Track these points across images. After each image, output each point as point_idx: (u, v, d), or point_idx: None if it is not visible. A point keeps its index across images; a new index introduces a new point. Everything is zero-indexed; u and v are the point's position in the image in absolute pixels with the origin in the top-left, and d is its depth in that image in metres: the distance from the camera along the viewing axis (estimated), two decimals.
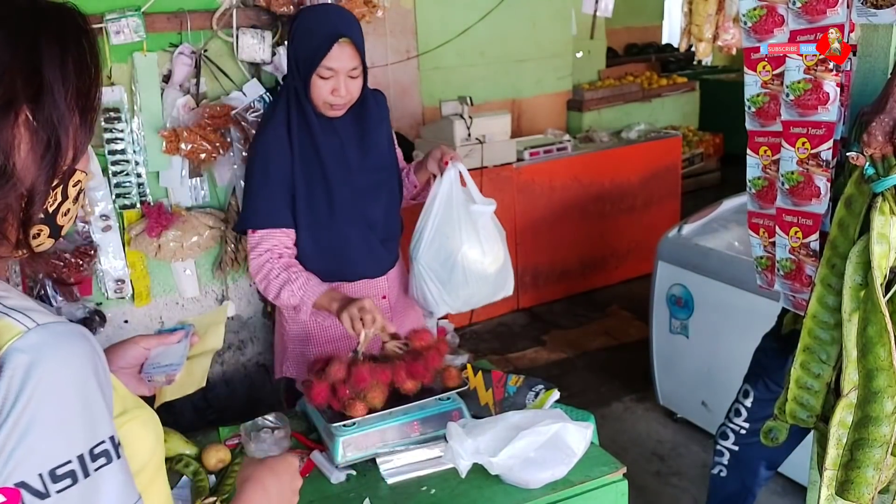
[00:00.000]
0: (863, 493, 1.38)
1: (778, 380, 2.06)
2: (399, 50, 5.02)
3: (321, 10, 2.13)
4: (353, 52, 1.96)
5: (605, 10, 4.92)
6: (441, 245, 2.16)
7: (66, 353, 0.78)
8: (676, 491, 3.00)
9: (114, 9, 2.57)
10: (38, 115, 0.80)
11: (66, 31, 0.83)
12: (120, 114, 2.65)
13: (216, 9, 2.72)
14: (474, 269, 2.16)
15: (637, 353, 3.92)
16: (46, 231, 0.87)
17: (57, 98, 0.81)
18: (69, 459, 0.76)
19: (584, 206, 4.88)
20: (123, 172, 2.70)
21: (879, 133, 1.36)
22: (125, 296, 2.82)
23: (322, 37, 1.94)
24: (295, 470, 1.13)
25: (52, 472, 0.75)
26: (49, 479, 0.75)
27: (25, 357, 0.75)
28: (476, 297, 2.21)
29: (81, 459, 0.77)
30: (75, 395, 0.78)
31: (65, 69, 0.82)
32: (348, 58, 1.95)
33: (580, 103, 6.05)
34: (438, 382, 1.79)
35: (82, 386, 0.78)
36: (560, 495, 1.58)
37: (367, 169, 2.12)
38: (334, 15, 2.03)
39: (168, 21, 2.66)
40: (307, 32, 1.98)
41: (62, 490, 0.76)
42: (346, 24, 1.98)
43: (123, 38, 2.57)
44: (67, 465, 0.76)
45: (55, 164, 0.82)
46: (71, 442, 0.77)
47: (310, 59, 1.95)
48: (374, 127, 2.12)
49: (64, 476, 0.76)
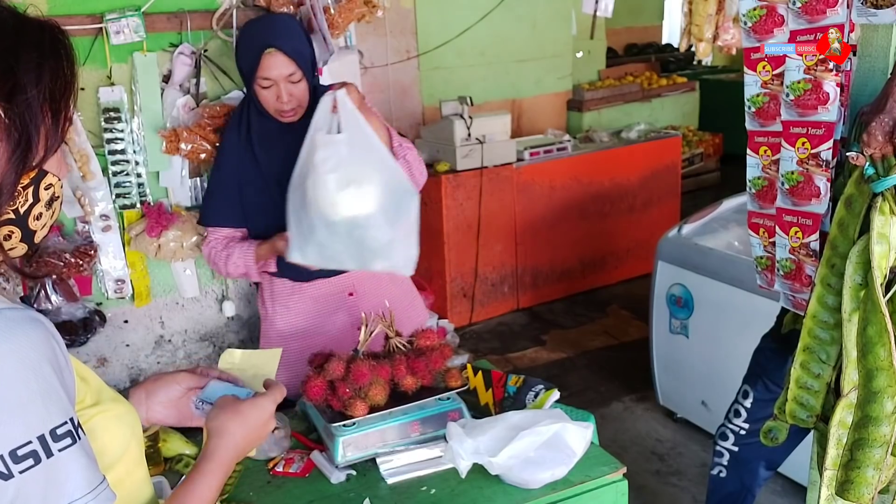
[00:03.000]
0: (863, 493, 1.38)
1: (777, 380, 2.06)
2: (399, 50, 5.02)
3: (255, 23, 2.21)
4: (284, 59, 2.02)
5: (605, 11, 4.93)
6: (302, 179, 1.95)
7: (17, 338, 0.79)
8: (676, 490, 3.00)
9: (114, 9, 2.57)
10: (10, 112, 0.83)
11: (43, 41, 0.88)
12: (120, 114, 2.65)
13: (216, 9, 2.72)
14: (328, 215, 1.87)
15: (637, 352, 3.92)
16: (18, 234, 0.88)
17: (30, 98, 0.84)
18: (29, 440, 0.78)
19: (584, 206, 4.88)
20: (123, 172, 2.70)
21: (879, 133, 1.36)
22: (125, 296, 2.82)
23: (252, 49, 2.05)
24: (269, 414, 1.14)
25: (13, 453, 0.77)
26: (10, 460, 0.77)
27: None
28: (335, 255, 1.94)
29: (43, 440, 0.79)
30: (31, 377, 0.79)
31: (39, 73, 0.86)
32: (281, 65, 2.03)
33: (580, 103, 6.05)
34: (439, 383, 1.79)
35: (36, 369, 0.80)
36: (560, 495, 1.58)
37: None
38: (265, 26, 2.14)
39: (168, 21, 2.66)
40: (242, 46, 2.13)
41: (25, 470, 0.77)
42: (273, 34, 2.05)
43: (123, 38, 2.57)
44: (27, 445, 0.78)
45: (24, 161, 0.85)
46: (29, 423, 0.78)
47: (248, 71, 2.08)
48: None
49: (25, 456, 0.77)
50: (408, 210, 1.92)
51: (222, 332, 3.04)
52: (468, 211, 4.43)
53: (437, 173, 4.33)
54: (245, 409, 1.11)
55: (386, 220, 1.88)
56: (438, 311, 4.14)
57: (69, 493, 0.81)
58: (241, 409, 1.11)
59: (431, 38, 5.10)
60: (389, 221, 1.88)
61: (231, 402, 1.13)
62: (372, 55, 4.96)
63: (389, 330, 1.85)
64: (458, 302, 4.55)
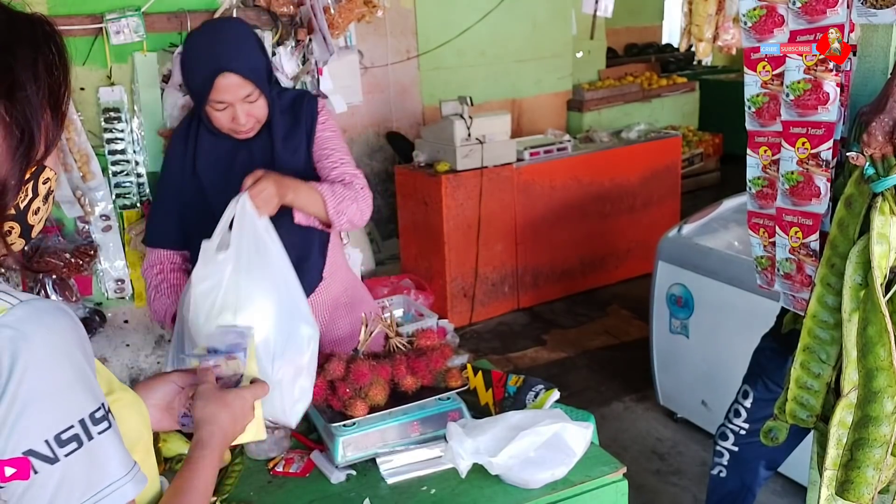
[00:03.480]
0: (863, 493, 1.38)
1: (777, 380, 2.06)
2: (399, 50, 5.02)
3: (202, 40, 1.89)
4: (239, 81, 1.83)
5: (605, 11, 4.93)
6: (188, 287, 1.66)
7: (51, 326, 0.81)
8: (676, 490, 3.00)
9: (114, 9, 2.57)
10: (12, 109, 0.84)
11: (36, 36, 0.88)
12: (120, 114, 2.65)
13: (216, 9, 2.72)
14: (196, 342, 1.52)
15: (637, 352, 3.92)
16: (17, 230, 0.89)
17: (30, 94, 0.85)
18: (72, 424, 0.80)
19: (584, 206, 4.88)
20: (123, 172, 2.70)
21: (879, 133, 1.36)
22: (125, 296, 2.82)
23: (203, 73, 1.83)
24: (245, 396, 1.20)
25: (58, 437, 0.79)
26: (56, 444, 0.79)
27: (12, 332, 0.78)
28: None
29: (83, 423, 0.81)
30: (67, 363, 0.81)
31: (36, 69, 0.87)
32: (236, 88, 1.83)
33: (580, 103, 6.06)
34: (439, 383, 1.79)
35: (71, 355, 0.82)
36: (560, 495, 1.58)
37: None
38: (214, 44, 1.85)
39: (168, 21, 2.66)
40: (189, 68, 1.89)
41: (70, 454, 0.79)
42: (226, 56, 1.82)
43: (123, 38, 2.57)
44: (71, 429, 0.80)
45: (28, 157, 0.86)
46: (70, 408, 0.81)
47: (198, 93, 1.87)
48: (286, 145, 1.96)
49: (69, 440, 0.80)
50: (299, 347, 1.51)
51: None
52: (468, 211, 4.43)
53: (437, 173, 4.33)
54: (229, 398, 1.17)
55: (265, 354, 1.46)
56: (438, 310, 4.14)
57: (111, 474, 0.83)
58: (226, 399, 1.17)
59: (431, 38, 5.10)
60: (270, 357, 1.47)
61: (216, 392, 1.18)
62: (372, 55, 4.96)
63: (390, 330, 1.85)
64: (459, 302, 4.55)
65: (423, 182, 4.47)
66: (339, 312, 2.09)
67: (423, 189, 4.49)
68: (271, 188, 1.67)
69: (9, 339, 0.78)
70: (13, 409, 0.77)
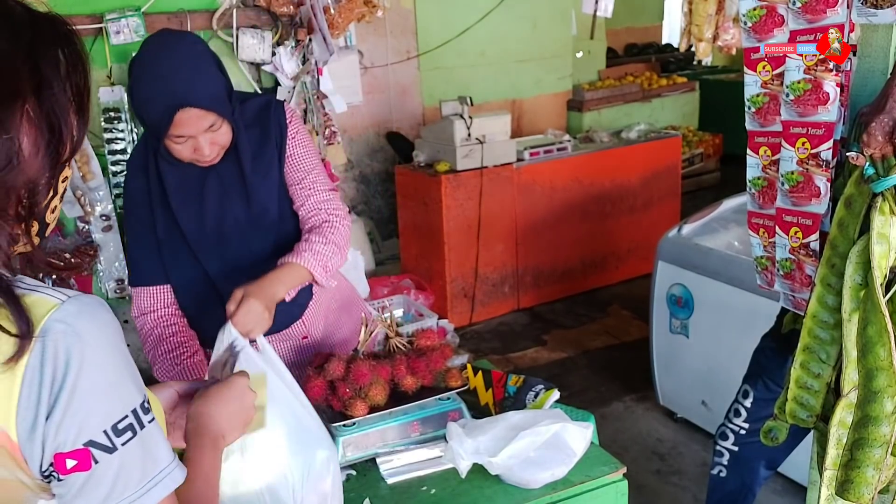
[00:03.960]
0: (863, 493, 1.38)
1: (778, 380, 2.06)
2: (399, 50, 5.02)
3: (154, 71, 1.64)
4: (200, 113, 1.65)
5: (605, 11, 4.94)
6: None
7: (101, 320, 0.84)
8: (676, 490, 3.00)
9: (114, 9, 2.57)
10: (41, 107, 0.84)
11: (58, 35, 0.88)
12: (120, 114, 2.65)
13: (216, 9, 2.72)
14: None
15: (637, 352, 3.92)
16: (36, 227, 0.89)
17: (56, 92, 0.86)
18: (126, 414, 0.84)
19: (584, 207, 4.88)
20: (123, 172, 2.70)
21: (879, 133, 1.36)
22: (125, 296, 2.82)
23: (158, 109, 1.63)
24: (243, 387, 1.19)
25: (115, 427, 0.82)
26: (113, 434, 0.82)
27: (66, 327, 0.80)
28: None
29: (136, 413, 0.85)
30: (118, 355, 0.85)
31: (60, 67, 0.87)
32: (196, 121, 1.65)
33: (580, 103, 6.06)
34: (439, 383, 1.79)
35: (120, 348, 0.85)
36: (560, 495, 1.58)
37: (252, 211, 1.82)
38: (169, 76, 1.63)
39: (168, 21, 2.67)
40: (141, 100, 1.65)
41: (126, 442, 0.83)
42: (183, 89, 1.62)
43: (123, 38, 2.57)
44: (125, 419, 0.83)
45: (57, 156, 0.87)
46: (123, 398, 0.84)
47: (154, 128, 1.67)
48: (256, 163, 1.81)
49: (125, 429, 0.83)
50: (319, 473, 1.39)
51: None
52: (468, 211, 4.43)
53: (437, 173, 4.34)
54: (214, 389, 1.17)
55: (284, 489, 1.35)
56: (438, 310, 4.14)
57: (162, 460, 0.87)
58: (210, 391, 1.17)
59: (431, 38, 5.11)
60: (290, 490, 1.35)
61: (202, 390, 1.19)
62: (372, 55, 4.96)
63: (390, 330, 1.85)
64: (459, 302, 4.55)
65: (423, 182, 4.47)
66: (336, 315, 2.08)
67: (423, 189, 4.49)
68: (257, 306, 1.59)
69: (63, 333, 0.80)
70: (73, 402, 0.79)
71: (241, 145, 1.78)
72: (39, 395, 0.79)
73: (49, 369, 0.79)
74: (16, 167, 0.82)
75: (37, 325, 0.79)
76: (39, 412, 0.79)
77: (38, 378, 0.78)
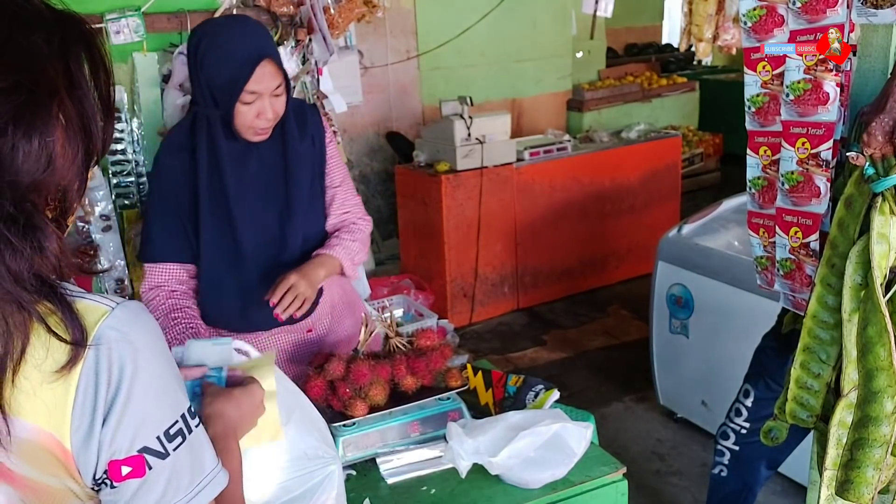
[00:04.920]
0: (863, 493, 1.38)
1: (778, 379, 2.06)
2: (399, 50, 5.02)
3: (235, 30, 1.81)
4: (275, 70, 1.77)
5: (605, 11, 4.93)
6: None
7: (150, 327, 0.85)
8: (676, 490, 3.00)
9: (114, 9, 2.57)
10: (73, 107, 0.84)
11: (82, 35, 0.87)
12: (120, 114, 2.65)
13: (216, 9, 2.72)
14: None
15: (637, 352, 3.92)
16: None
17: (86, 92, 0.86)
18: (176, 420, 0.84)
19: (584, 206, 4.88)
20: (123, 172, 2.70)
21: (879, 133, 1.36)
22: (125, 296, 2.82)
23: (241, 60, 1.73)
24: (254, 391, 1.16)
25: (167, 433, 0.83)
26: (166, 440, 0.83)
27: (120, 334, 0.80)
28: None
29: (184, 418, 0.86)
30: (166, 362, 0.86)
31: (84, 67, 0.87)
32: (271, 77, 1.77)
33: (580, 103, 6.06)
34: (439, 383, 1.79)
35: (167, 354, 0.86)
36: (560, 495, 1.58)
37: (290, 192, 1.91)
38: (249, 32, 1.79)
39: (168, 21, 2.67)
40: (223, 56, 1.75)
41: (177, 448, 0.84)
42: (264, 42, 1.79)
43: (123, 38, 2.57)
44: (176, 424, 0.84)
45: (88, 159, 0.87)
46: (174, 404, 0.85)
47: (230, 85, 1.75)
48: (296, 147, 1.92)
49: (176, 435, 0.84)
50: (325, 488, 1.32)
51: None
52: (468, 211, 4.43)
53: (437, 173, 4.33)
54: (237, 393, 1.14)
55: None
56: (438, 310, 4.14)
57: (208, 464, 0.88)
58: (234, 394, 1.14)
59: (431, 38, 5.10)
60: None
61: (223, 389, 1.16)
62: (372, 55, 4.96)
63: (390, 330, 1.85)
64: (459, 302, 4.55)
65: (423, 182, 4.47)
66: (340, 310, 2.09)
67: (423, 189, 4.49)
68: (304, 286, 1.81)
69: (116, 341, 0.80)
70: (128, 409, 0.80)
71: (289, 125, 1.89)
72: (95, 403, 0.78)
73: (104, 377, 0.79)
74: (53, 170, 0.81)
75: (90, 332, 0.79)
76: (95, 420, 0.79)
77: (93, 386, 0.78)
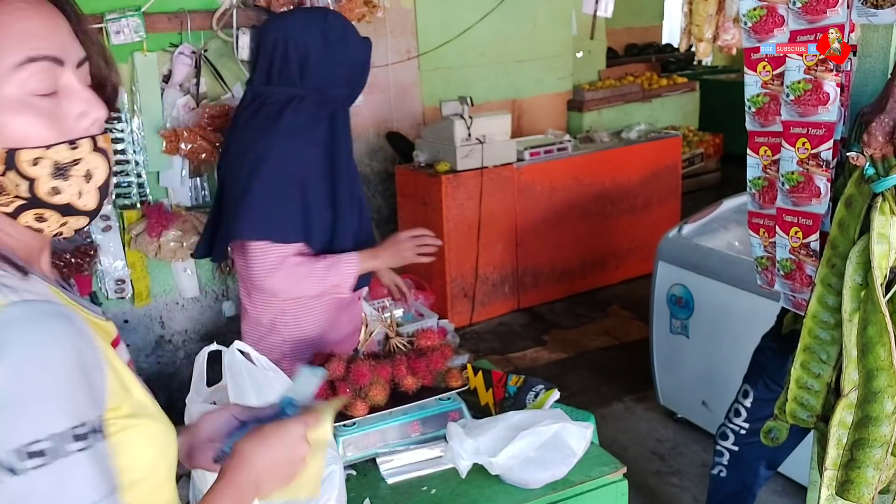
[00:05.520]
0: (863, 493, 1.38)
1: (778, 380, 2.06)
2: (399, 50, 5.01)
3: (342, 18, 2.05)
4: None
5: (606, 11, 4.93)
6: None
7: (44, 331, 0.76)
8: (676, 490, 3.00)
9: (114, 9, 2.57)
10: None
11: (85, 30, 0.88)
12: (120, 114, 2.65)
13: (216, 9, 2.72)
14: None
15: (637, 353, 3.92)
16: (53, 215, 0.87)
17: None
18: (43, 437, 0.74)
19: (584, 207, 4.88)
20: (123, 172, 2.70)
21: (879, 133, 1.36)
22: (125, 296, 2.82)
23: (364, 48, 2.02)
24: (297, 436, 1.02)
25: (23, 450, 0.73)
26: (22, 457, 0.73)
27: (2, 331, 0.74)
28: None
29: (58, 438, 0.74)
30: (53, 372, 0.75)
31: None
32: None
33: (580, 103, 6.05)
34: (439, 383, 1.79)
35: (60, 365, 0.76)
36: (560, 495, 1.58)
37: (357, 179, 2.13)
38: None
39: (168, 21, 2.67)
40: (357, 38, 2.01)
41: (35, 468, 0.73)
42: None
43: (123, 38, 2.57)
44: (39, 443, 0.73)
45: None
46: (46, 419, 0.74)
47: (361, 80, 2.03)
48: None
49: (36, 454, 0.73)
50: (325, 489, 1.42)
51: (222, 332, 3.04)
52: (468, 211, 4.43)
53: (437, 173, 4.33)
54: (268, 431, 1.01)
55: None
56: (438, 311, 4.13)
57: (77, 498, 0.76)
58: (264, 432, 1.01)
59: (431, 38, 5.10)
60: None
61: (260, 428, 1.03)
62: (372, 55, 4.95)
63: (390, 330, 1.85)
64: (459, 302, 4.55)
65: (424, 182, 4.47)
66: (339, 313, 2.08)
67: (423, 189, 4.49)
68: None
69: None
70: None
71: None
72: None
73: None
74: None
75: None
76: None
77: None
